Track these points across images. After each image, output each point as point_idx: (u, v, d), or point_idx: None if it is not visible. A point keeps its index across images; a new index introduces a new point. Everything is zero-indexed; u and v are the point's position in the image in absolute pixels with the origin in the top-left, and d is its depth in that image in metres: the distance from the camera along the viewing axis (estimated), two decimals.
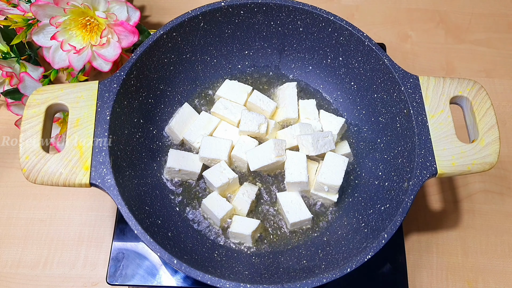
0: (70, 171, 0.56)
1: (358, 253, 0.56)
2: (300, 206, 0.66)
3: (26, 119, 0.57)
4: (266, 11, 0.70)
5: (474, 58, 0.90)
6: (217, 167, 0.66)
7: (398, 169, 0.63)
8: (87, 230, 0.73)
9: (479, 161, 0.58)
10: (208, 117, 0.71)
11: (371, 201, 0.65)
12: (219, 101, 0.72)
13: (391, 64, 0.64)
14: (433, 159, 0.58)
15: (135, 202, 0.58)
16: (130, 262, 0.67)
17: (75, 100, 0.59)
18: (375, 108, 0.70)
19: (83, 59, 0.73)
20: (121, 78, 0.61)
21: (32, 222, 0.73)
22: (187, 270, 0.53)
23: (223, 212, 0.64)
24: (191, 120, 0.71)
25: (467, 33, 0.92)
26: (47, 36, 0.72)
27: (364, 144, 0.72)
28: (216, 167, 0.66)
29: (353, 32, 0.67)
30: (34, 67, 0.76)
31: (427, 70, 0.88)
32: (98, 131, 0.58)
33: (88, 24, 0.72)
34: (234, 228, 0.64)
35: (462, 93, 0.62)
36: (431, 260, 0.72)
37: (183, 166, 0.67)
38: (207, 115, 0.71)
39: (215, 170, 0.66)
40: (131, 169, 0.63)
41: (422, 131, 0.60)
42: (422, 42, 0.91)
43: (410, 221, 0.74)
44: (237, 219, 0.65)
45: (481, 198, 0.76)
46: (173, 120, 0.70)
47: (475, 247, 0.73)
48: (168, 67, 0.70)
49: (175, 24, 0.66)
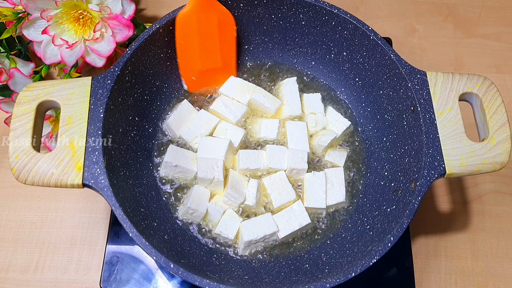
0: (62, 171, 0.55)
1: (363, 256, 0.56)
2: (286, 187, 0.66)
3: (16, 117, 0.57)
4: (266, 4, 0.70)
5: (484, 53, 0.90)
6: (212, 162, 0.66)
7: (405, 169, 0.63)
8: (80, 232, 0.73)
9: (489, 160, 0.58)
10: (207, 115, 0.71)
11: (376, 203, 0.65)
12: (220, 98, 0.72)
13: (398, 59, 0.64)
14: (441, 158, 0.58)
15: (130, 204, 0.58)
16: (124, 266, 0.67)
17: (67, 97, 0.59)
18: (380, 105, 0.70)
19: (75, 54, 0.72)
20: (115, 74, 0.61)
21: (23, 224, 0.73)
22: (184, 274, 0.52)
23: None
24: (189, 118, 0.71)
25: (476, 26, 0.92)
26: (38, 30, 0.72)
27: (369, 143, 0.72)
28: (212, 161, 0.66)
29: (357, 26, 0.66)
30: (25, 62, 0.76)
31: (435, 66, 0.88)
32: (91, 130, 0.58)
33: (81, 18, 0.72)
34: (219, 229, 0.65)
35: (471, 89, 0.61)
36: (439, 264, 0.72)
37: (180, 162, 0.67)
38: (206, 114, 0.71)
39: (209, 163, 0.66)
40: (126, 169, 0.63)
41: (430, 129, 0.60)
42: (429, 36, 0.91)
43: (418, 223, 0.73)
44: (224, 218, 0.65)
45: (492, 199, 0.76)
46: (171, 117, 0.70)
47: (485, 251, 0.73)
48: (164, 63, 0.70)
49: (171, 18, 0.66)
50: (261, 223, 0.64)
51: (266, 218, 0.65)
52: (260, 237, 0.63)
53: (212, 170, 0.65)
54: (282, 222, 0.65)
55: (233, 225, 0.64)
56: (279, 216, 0.65)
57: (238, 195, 0.65)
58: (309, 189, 0.67)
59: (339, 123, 0.72)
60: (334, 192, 0.67)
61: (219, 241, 0.65)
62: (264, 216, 0.65)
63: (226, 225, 0.64)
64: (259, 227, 0.64)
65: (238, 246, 0.65)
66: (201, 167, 0.65)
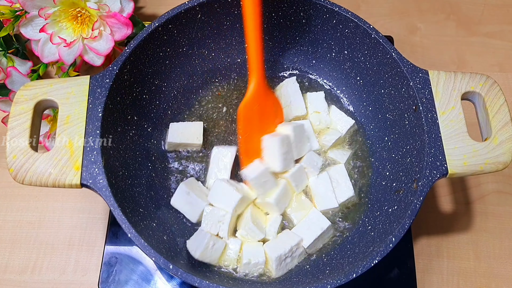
0: (60, 171, 0.55)
1: (365, 257, 0.56)
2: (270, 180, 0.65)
3: (13, 116, 0.57)
4: (267, 2, 0.70)
5: (486, 52, 0.89)
6: (220, 213, 0.63)
7: (406, 169, 0.63)
8: (78, 233, 0.73)
9: (492, 160, 0.58)
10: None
11: (378, 203, 0.65)
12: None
13: (399, 58, 0.64)
14: (443, 158, 0.58)
15: (128, 204, 0.58)
16: (123, 267, 0.67)
17: (65, 96, 0.59)
18: (382, 105, 0.70)
19: (73, 52, 0.72)
20: (114, 73, 0.61)
21: (20, 225, 0.73)
22: (183, 275, 0.52)
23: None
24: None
25: (479, 25, 0.92)
26: (36, 28, 0.72)
27: (370, 142, 0.72)
28: (220, 212, 0.63)
29: (359, 24, 0.66)
30: (22, 61, 0.76)
31: (437, 64, 0.88)
32: (90, 129, 0.58)
33: (79, 16, 0.72)
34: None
35: (474, 88, 0.61)
36: (441, 265, 0.72)
37: (183, 139, 0.68)
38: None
39: (215, 214, 0.63)
40: (125, 169, 0.63)
41: (432, 128, 0.59)
42: (431, 34, 0.91)
43: (419, 223, 0.73)
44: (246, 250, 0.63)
45: (495, 199, 0.76)
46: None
47: (488, 251, 0.73)
48: (163, 61, 0.70)
49: (171, 16, 0.66)
50: (282, 239, 0.63)
51: (286, 234, 0.64)
52: (287, 250, 0.62)
53: (217, 223, 0.63)
54: (303, 232, 0.64)
55: (257, 250, 0.62)
56: (298, 228, 0.64)
57: (260, 232, 0.64)
58: (317, 193, 0.67)
59: (343, 122, 0.72)
60: (342, 189, 0.67)
61: (249, 275, 0.62)
62: (283, 232, 0.64)
63: (250, 252, 0.62)
64: (282, 242, 0.63)
65: (270, 269, 0.63)
66: (206, 219, 0.63)
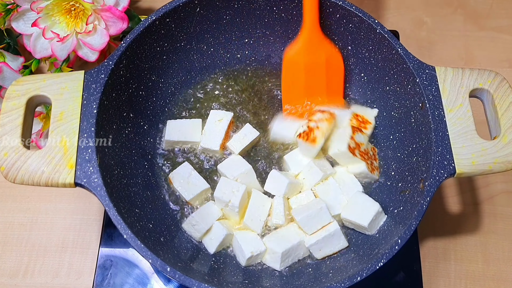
0: (53, 170, 0.55)
1: (369, 260, 0.56)
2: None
3: (4, 112, 0.57)
4: None
5: (495, 47, 0.90)
6: (234, 186, 0.65)
7: (412, 169, 0.63)
8: (72, 235, 0.73)
9: (501, 159, 0.58)
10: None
11: (383, 204, 0.65)
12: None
13: (405, 54, 0.64)
14: (451, 157, 0.58)
15: (124, 204, 0.58)
16: (118, 270, 0.67)
17: (59, 92, 0.59)
18: (387, 102, 0.70)
19: (67, 48, 0.72)
20: (109, 68, 0.61)
21: (11, 227, 0.73)
22: (181, 278, 0.52)
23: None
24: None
25: (488, 19, 0.92)
26: (28, 22, 0.72)
27: (375, 141, 0.72)
28: (234, 185, 0.65)
29: (363, 19, 0.66)
30: (14, 56, 0.76)
31: (444, 60, 0.88)
32: (84, 126, 0.58)
33: (72, 10, 0.72)
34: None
35: (482, 85, 0.62)
36: (448, 268, 0.72)
37: (181, 137, 0.68)
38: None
39: (229, 186, 0.65)
40: (120, 167, 0.63)
41: (439, 127, 0.60)
42: (438, 29, 0.91)
43: (426, 225, 0.73)
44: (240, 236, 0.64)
45: (504, 200, 0.76)
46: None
47: (497, 254, 0.73)
48: (160, 56, 0.70)
49: (168, 9, 0.66)
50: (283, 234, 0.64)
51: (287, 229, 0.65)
52: (289, 247, 0.62)
53: (231, 193, 0.64)
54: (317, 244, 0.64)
55: (256, 242, 0.63)
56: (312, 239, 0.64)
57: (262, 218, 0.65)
58: (328, 199, 0.66)
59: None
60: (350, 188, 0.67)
61: (254, 267, 0.64)
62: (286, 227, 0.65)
63: (251, 244, 0.63)
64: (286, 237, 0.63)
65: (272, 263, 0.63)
66: (220, 187, 0.64)
